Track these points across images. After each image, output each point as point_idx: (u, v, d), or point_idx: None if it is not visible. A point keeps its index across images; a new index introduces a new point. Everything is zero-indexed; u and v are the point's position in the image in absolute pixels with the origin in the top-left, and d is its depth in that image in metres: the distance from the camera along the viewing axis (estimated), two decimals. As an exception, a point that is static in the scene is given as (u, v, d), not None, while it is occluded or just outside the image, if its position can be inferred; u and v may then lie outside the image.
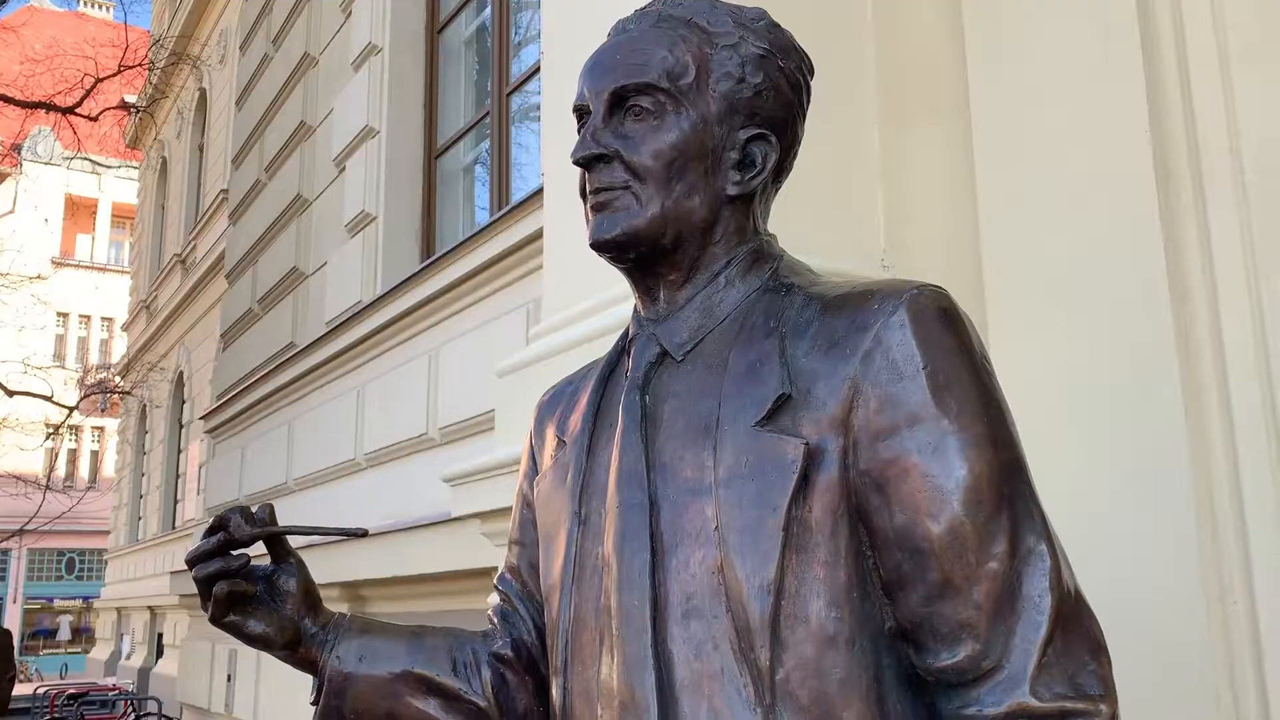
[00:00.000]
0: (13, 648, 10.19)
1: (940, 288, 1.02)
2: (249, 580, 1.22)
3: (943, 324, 0.99)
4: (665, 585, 1.01)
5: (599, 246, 1.13)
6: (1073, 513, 1.58)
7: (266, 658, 5.48)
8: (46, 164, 28.54)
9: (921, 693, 0.97)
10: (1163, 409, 1.77)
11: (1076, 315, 1.92)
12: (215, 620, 1.21)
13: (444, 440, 4.39)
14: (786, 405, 1.00)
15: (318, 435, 5.68)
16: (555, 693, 1.11)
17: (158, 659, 15.02)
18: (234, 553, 1.20)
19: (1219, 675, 1.67)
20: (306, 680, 4.01)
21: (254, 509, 1.24)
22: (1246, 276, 1.81)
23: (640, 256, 1.13)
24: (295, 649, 1.24)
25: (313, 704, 1.25)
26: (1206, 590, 1.69)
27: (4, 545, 24.56)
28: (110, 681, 15.67)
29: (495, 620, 1.31)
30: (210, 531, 1.20)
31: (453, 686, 1.23)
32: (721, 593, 0.97)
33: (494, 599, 1.37)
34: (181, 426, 15.90)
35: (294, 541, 1.31)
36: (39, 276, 14.96)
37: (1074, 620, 0.93)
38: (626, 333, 1.21)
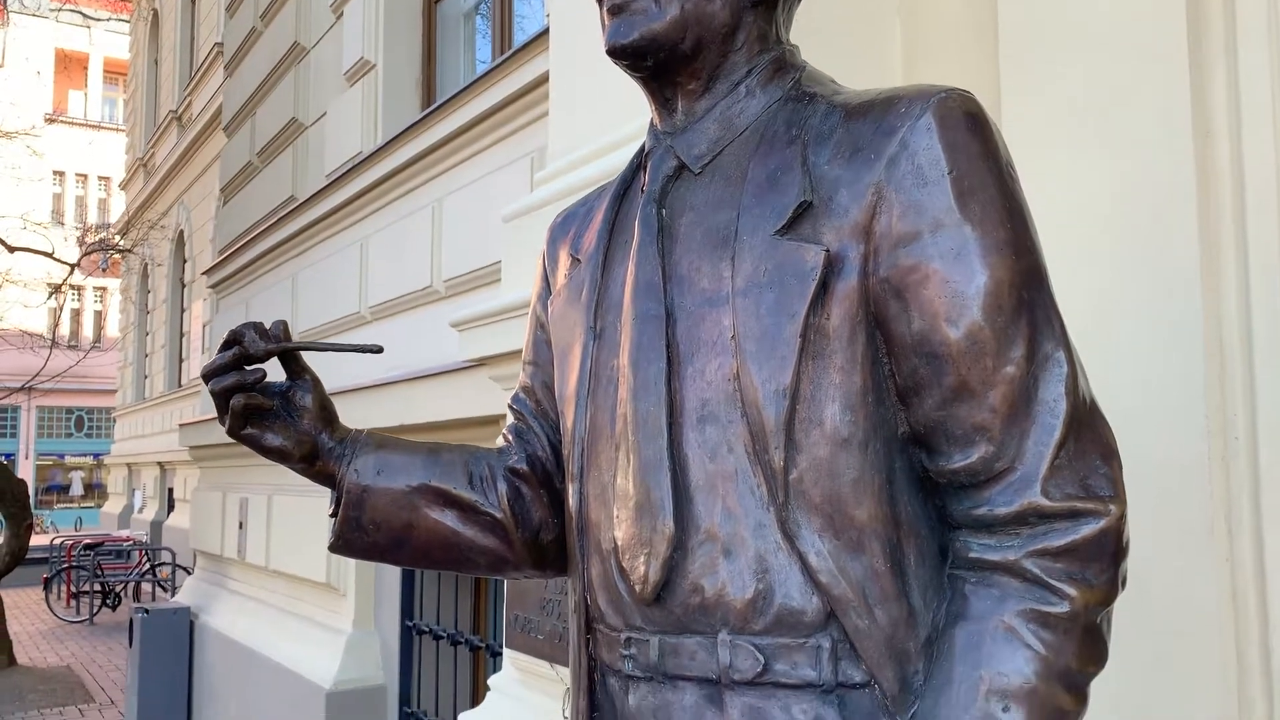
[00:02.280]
0: (28, 497, 10.41)
1: (968, 92, 0.99)
2: (265, 395, 1.23)
3: (970, 128, 0.96)
4: (681, 393, 1.02)
5: (615, 53, 1.10)
6: (1082, 348, 1.59)
7: (277, 506, 5.63)
8: (34, 15, 27.72)
9: (932, 495, 0.98)
10: (1179, 247, 1.76)
11: (1096, 153, 1.89)
12: (233, 433, 1.22)
13: (449, 293, 4.38)
14: (807, 213, 0.98)
15: (322, 289, 5.67)
16: (571, 500, 1.14)
17: (169, 512, 15.40)
18: (249, 367, 1.21)
19: (1215, 507, 1.70)
20: (316, 528, 4.14)
21: (268, 325, 1.24)
22: (1274, 117, 1.77)
23: (658, 64, 1.10)
24: (313, 463, 1.25)
25: (331, 516, 1.27)
26: (1210, 426, 1.71)
27: (12, 402, 24.84)
28: (124, 534, 16.10)
29: (510, 438, 1.32)
30: (225, 346, 1.20)
31: (469, 499, 1.25)
32: (737, 398, 0.98)
33: (509, 419, 1.39)
34: (184, 286, 15.91)
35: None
36: (32, 129, 14.67)
37: (1087, 425, 0.94)
38: (643, 148, 1.18)
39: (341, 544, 1.27)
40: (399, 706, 4.70)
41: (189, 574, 7.60)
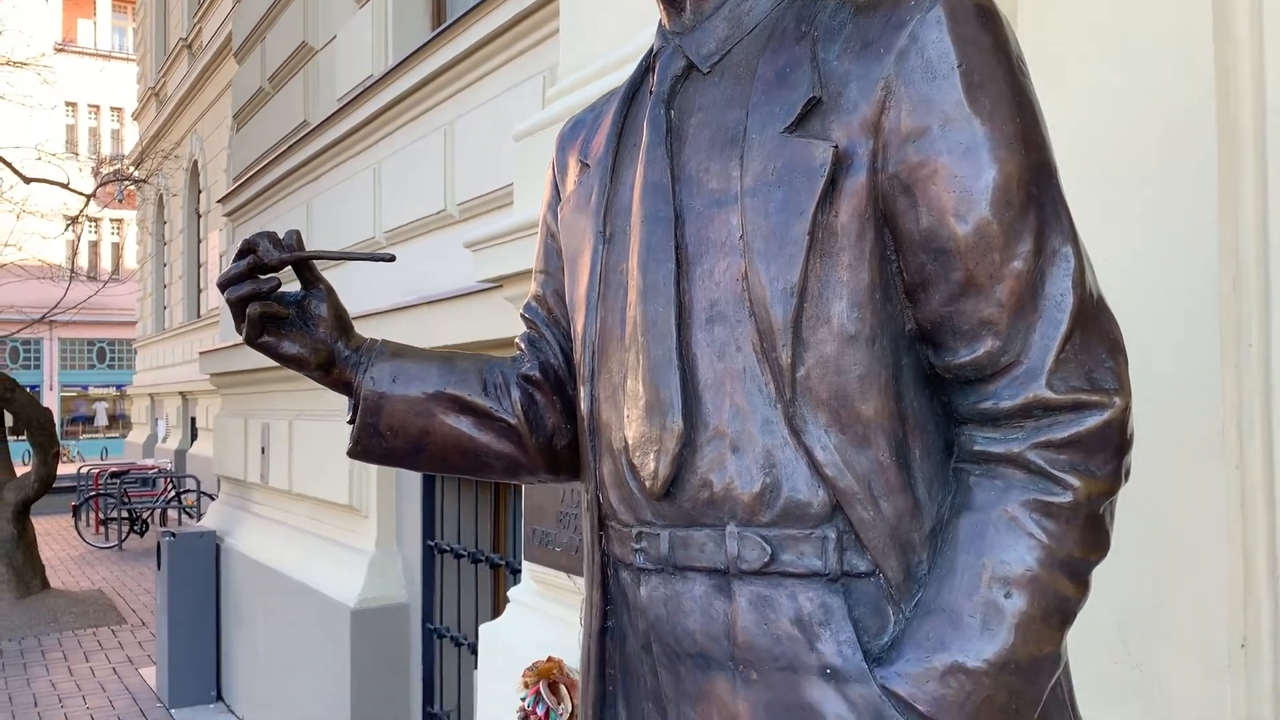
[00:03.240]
0: (54, 426, 10.57)
1: None
2: (280, 304, 1.24)
3: (980, 21, 0.95)
4: (690, 294, 1.03)
5: None
6: (1094, 255, 1.59)
7: (298, 431, 5.69)
8: (40, -58, 27.33)
9: (938, 391, 0.99)
10: (1195, 155, 1.74)
11: (1113, 58, 1.85)
12: (250, 341, 1.24)
13: (463, 216, 4.38)
14: (816, 109, 0.98)
15: (336, 214, 5.67)
16: (583, 402, 1.15)
17: (192, 441, 15.63)
18: (264, 277, 1.22)
19: (1226, 413, 1.71)
20: (337, 452, 4.20)
21: (281, 235, 1.25)
22: (1295, 17, 1.74)
23: None
24: (329, 370, 1.27)
25: (349, 423, 1.30)
26: (1223, 332, 1.71)
27: (35, 334, 25.06)
28: (149, 462, 16.35)
29: (523, 346, 1.34)
30: (240, 255, 1.22)
31: (484, 405, 1.27)
32: (745, 298, 0.99)
33: (521, 329, 1.40)
34: (199, 216, 15.92)
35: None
36: (41, 56, 14.56)
37: (1094, 320, 0.94)
38: (651, 50, 1.18)
39: (360, 450, 1.30)
40: (422, 623, 4.81)
41: (214, 500, 7.74)
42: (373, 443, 1.28)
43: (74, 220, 13.70)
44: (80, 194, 12.87)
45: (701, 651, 1.01)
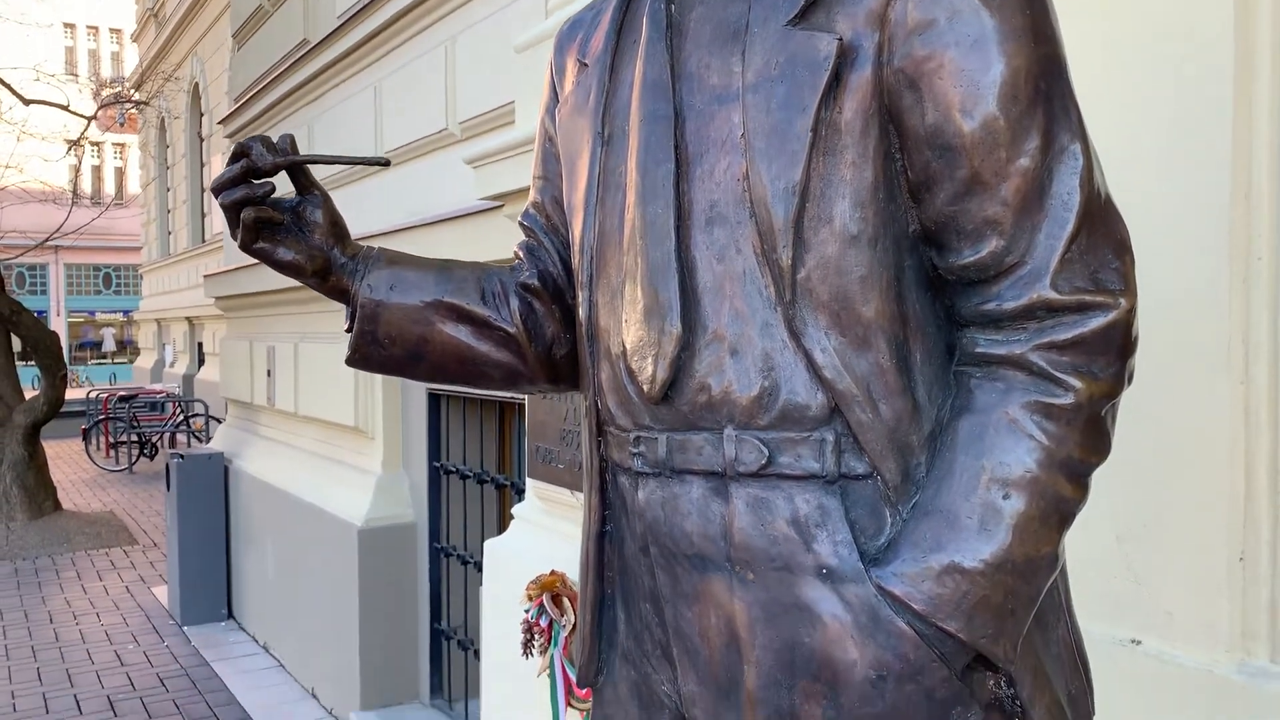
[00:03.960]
0: (61, 349, 10.61)
1: None
2: (275, 209, 1.22)
3: None
4: (689, 195, 1.01)
5: None
6: (1104, 162, 1.56)
7: (303, 354, 5.70)
8: None
9: (941, 293, 0.98)
10: (1210, 57, 1.70)
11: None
12: (245, 247, 1.22)
13: (464, 135, 4.32)
14: (820, 1, 0.95)
15: (337, 135, 5.60)
16: (581, 309, 1.14)
17: (199, 366, 15.68)
18: (257, 181, 1.20)
19: (1233, 328, 1.69)
20: (342, 374, 4.19)
21: (276, 139, 1.22)
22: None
23: None
24: (326, 278, 1.26)
25: (347, 331, 1.29)
26: (1232, 246, 1.69)
27: (40, 259, 25.03)
28: (157, 387, 16.44)
29: (521, 255, 1.32)
30: (233, 159, 1.19)
31: (482, 314, 1.25)
32: (746, 198, 0.97)
33: (520, 237, 1.38)
34: (202, 140, 15.77)
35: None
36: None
37: (1101, 220, 0.93)
38: None
39: (358, 358, 1.29)
40: (429, 542, 4.87)
41: (221, 424, 7.79)
42: (371, 351, 1.27)
43: (75, 143, 13.57)
44: (80, 116, 12.73)
45: (698, 553, 1.01)
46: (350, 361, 1.29)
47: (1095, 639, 1.63)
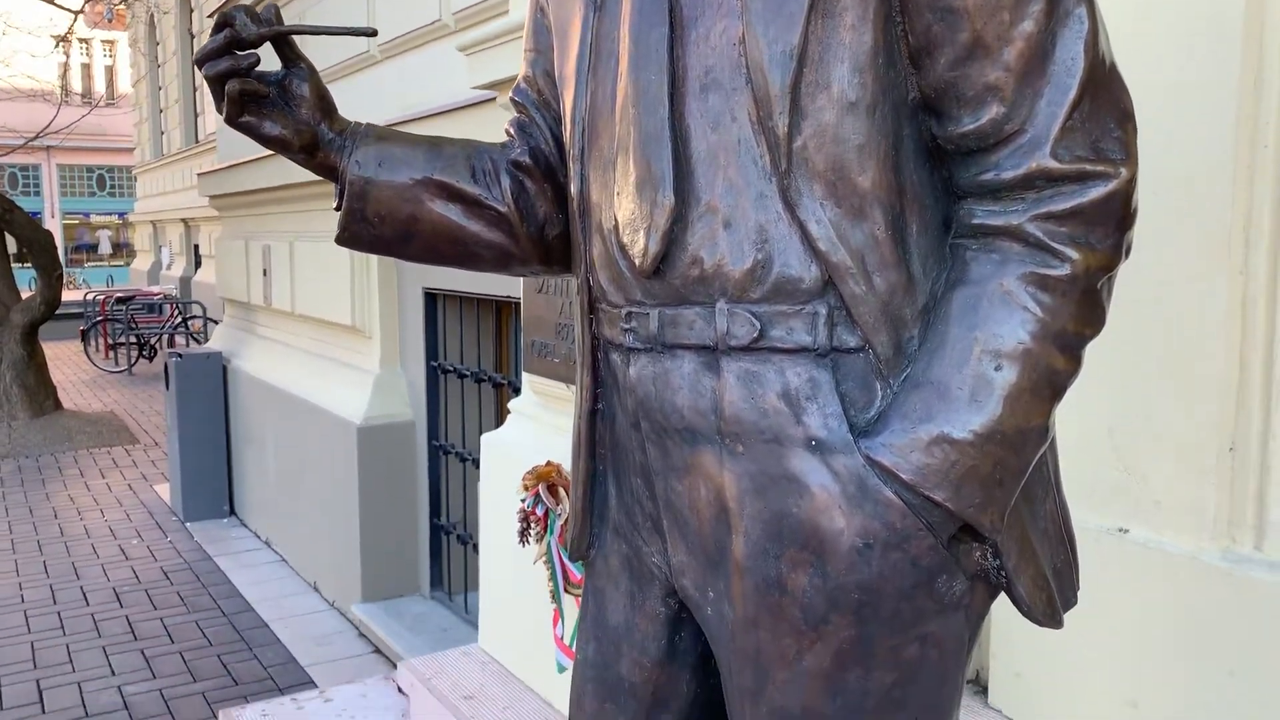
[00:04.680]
0: (55, 248, 10.55)
1: None
2: (261, 82, 1.20)
3: None
4: (683, 61, 0.98)
5: None
6: (1111, 31, 1.52)
7: (299, 252, 5.65)
8: None
9: (939, 165, 0.96)
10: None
11: None
12: (231, 121, 1.20)
13: (458, 26, 4.22)
14: None
15: (330, 28, 5.47)
16: (573, 183, 1.12)
17: (196, 268, 15.62)
18: (242, 53, 1.17)
19: (1235, 216, 1.67)
20: (338, 273, 4.16)
21: (259, 9, 1.19)
22: None
23: None
24: (313, 154, 1.23)
25: (336, 209, 1.27)
26: (1238, 134, 1.66)
27: (32, 160, 24.70)
28: (155, 289, 16.40)
29: (512, 132, 1.30)
30: (215, 30, 1.16)
31: (472, 192, 1.23)
32: (742, 64, 0.94)
33: (511, 114, 1.35)
34: (192, 37, 15.41)
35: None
36: None
37: (1104, 87, 0.90)
38: None
39: (348, 237, 1.27)
40: (427, 440, 4.91)
41: (219, 324, 7.79)
42: (360, 229, 1.25)
43: (63, 39, 13.27)
44: (66, 10, 12.43)
45: (689, 426, 1.01)
46: (340, 240, 1.27)
47: (1083, 528, 1.65)
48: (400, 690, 3.04)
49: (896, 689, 0.96)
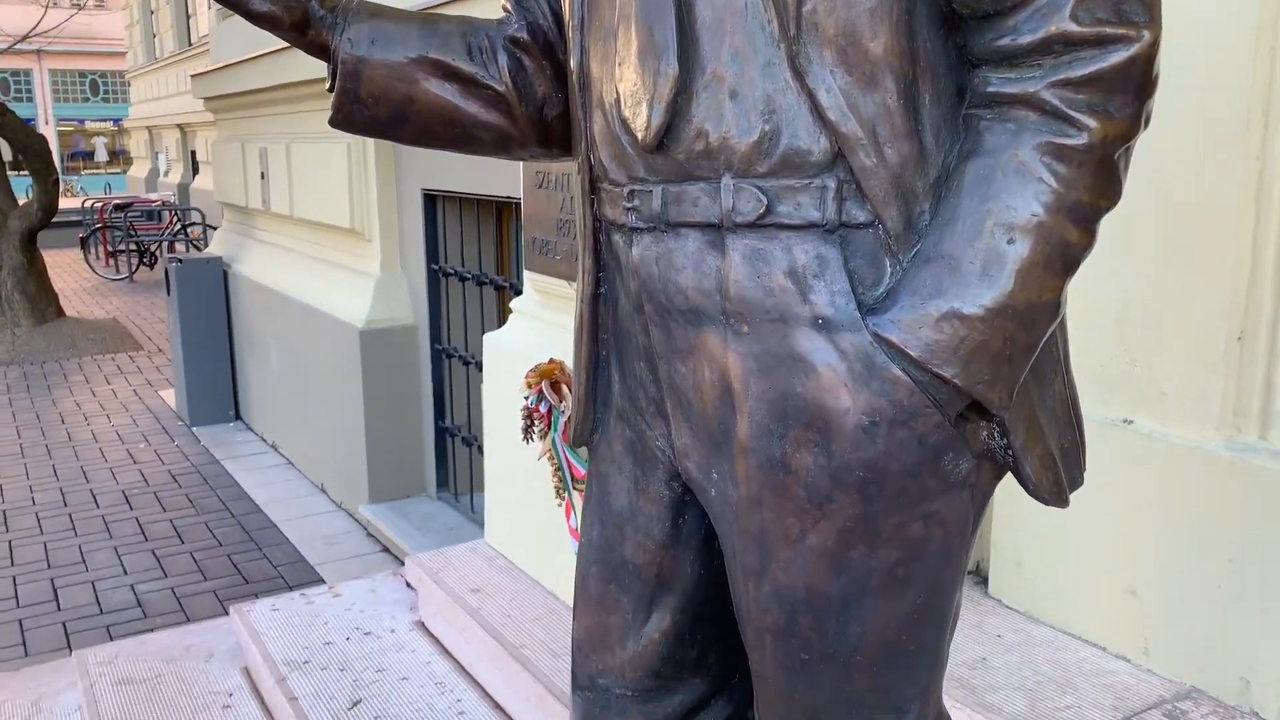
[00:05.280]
0: (50, 153, 10.41)
1: None
2: None
3: None
4: None
5: None
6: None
7: (296, 154, 5.57)
8: None
9: (954, 32, 0.92)
10: None
11: None
12: None
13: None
14: None
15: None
16: (572, 57, 1.08)
17: (194, 175, 15.44)
18: None
19: (1254, 101, 1.63)
20: (336, 174, 4.09)
21: None
22: None
23: None
24: (304, 31, 1.19)
25: (329, 90, 1.23)
26: (1261, 10, 1.60)
27: (24, 64, 24.24)
28: (153, 196, 16.25)
29: (509, 6, 1.25)
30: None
31: (469, 71, 1.19)
32: None
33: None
34: (181, -68, 14.98)
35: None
36: None
37: None
38: None
39: (341, 118, 1.24)
40: (430, 343, 4.91)
41: (218, 229, 7.72)
42: (354, 110, 1.21)
43: (47, -64, 12.90)
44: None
45: (693, 307, 0.99)
46: (334, 123, 1.24)
47: (1087, 419, 1.64)
48: (408, 585, 3.08)
49: (900, 567, 0.96)
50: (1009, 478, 1.01)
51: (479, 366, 4.31)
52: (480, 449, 4.04)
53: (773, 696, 1.04)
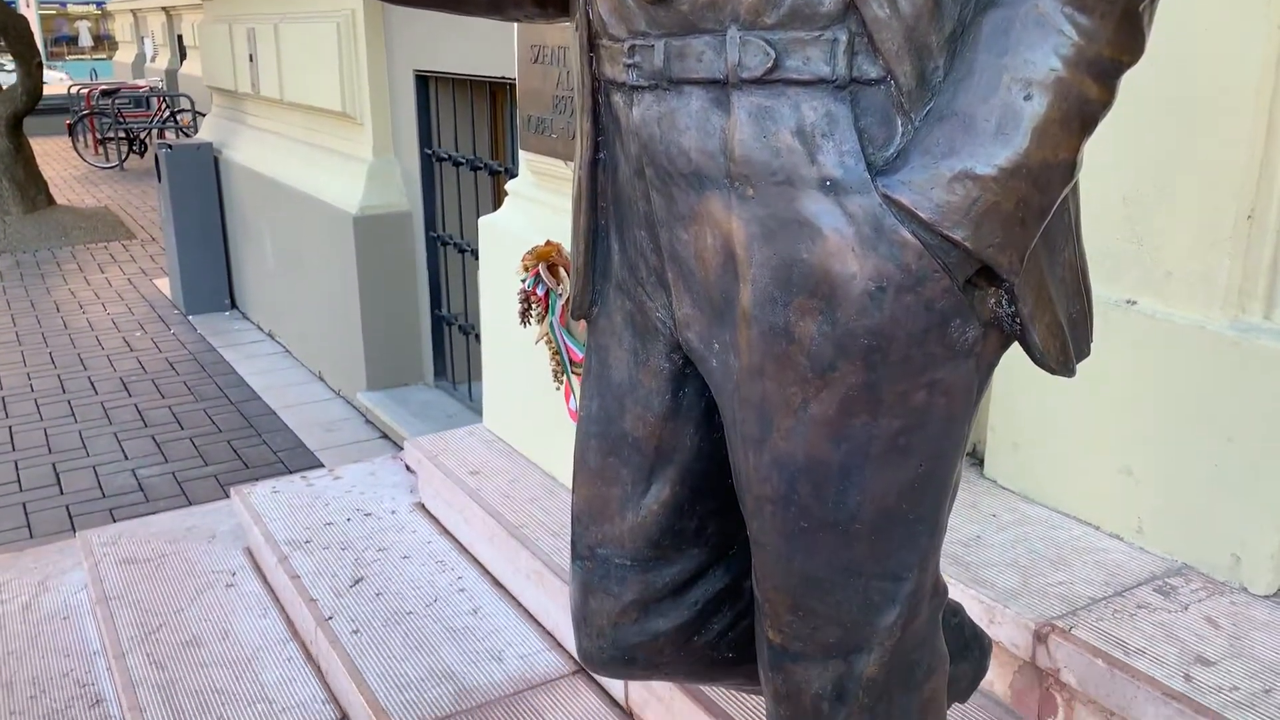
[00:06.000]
0: (32, 34, 10.13)
1: None
2: None
3: None
4: None
5: None
6: None
7: (284, 35, 5.42)
8: None
9: None
10: None
11: None
12: None
13: None
14: None
15: None
16: None
17: (181, 61, 15.07)
18: None
19: (1280, -36, 1.56)
20: (326, 56, 3.95)
21: None
22: None
23: None
24: None
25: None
26: None
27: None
28: (140, 82, 15.89)
29: None
30: None
31: None
32: None
33: None
34: None
35: None
36: None
37: None
38: None
39: None
40: (425, 230, 4.85)
41: (207, 115, 7.56)
42: None
43: None
44: None
45: (696, 170, 0.96)
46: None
47: (1092, 296, 1.63)
48: (408, 468, 3.11)
49: (902, 436, 0.95)
50: (1010, 356, 0.99)
51: (474, 254, 4.27)
52: (477, 337, 4.03)
53: (770, 564, 1.04)
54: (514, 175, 3.92)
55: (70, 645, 2.59)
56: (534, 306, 2.46)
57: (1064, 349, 0.97)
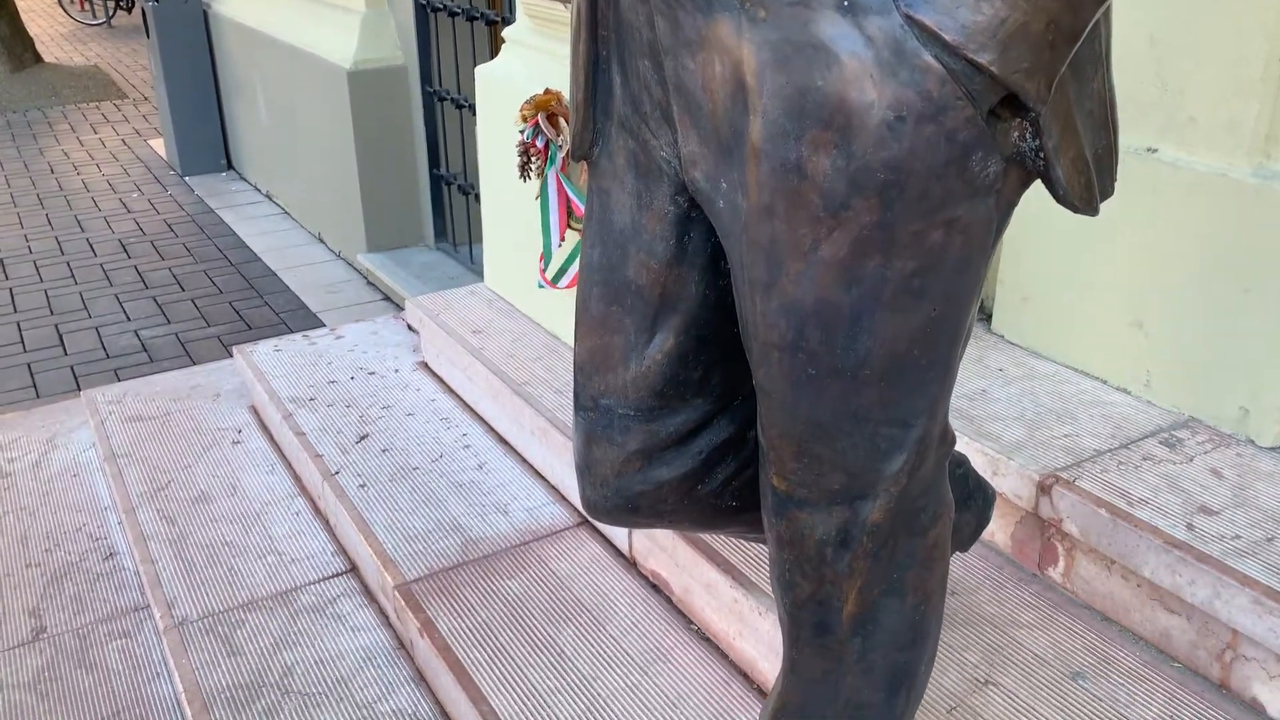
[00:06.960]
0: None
1: None
2: None
3: None
4: None
5: None
6: None
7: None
8: None
9: None
10: None
11: None
12: None
13: None
14: None
15: None
16: None
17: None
18: None
19: None
20: None
21: None
22: None
23: None
24: None
25: None
26: None
27: None
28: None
29: None
30: None
31: None
32: None
33: None
34: None
35: None
36: None
37: None
38: None
39: None
40: (421, 85, 4.71)
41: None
42: None
43: None
44: None
45: (704, -8, 0.89)
46: None
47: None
48: (410, 328, 3.09)
49: (916, 278, 0.92)
50: (1023, 208, 0.95)
51: (472, 110, 4.15)
52: (477, 198, 3.95)
53: (776, 411, 1.02)
54: (512, 24, 3.78)
55: (81, 501, 2.62)
56: (534, 159, 2.39)
57: (1088, 186, 0.92)
